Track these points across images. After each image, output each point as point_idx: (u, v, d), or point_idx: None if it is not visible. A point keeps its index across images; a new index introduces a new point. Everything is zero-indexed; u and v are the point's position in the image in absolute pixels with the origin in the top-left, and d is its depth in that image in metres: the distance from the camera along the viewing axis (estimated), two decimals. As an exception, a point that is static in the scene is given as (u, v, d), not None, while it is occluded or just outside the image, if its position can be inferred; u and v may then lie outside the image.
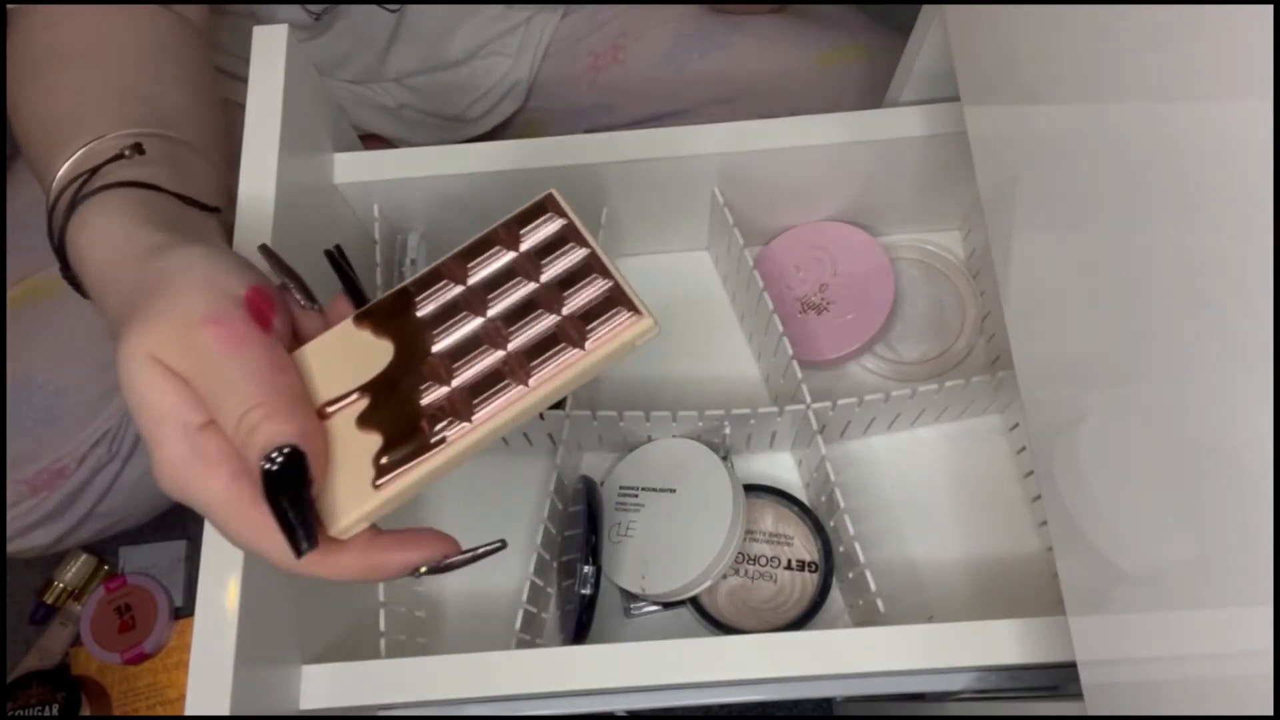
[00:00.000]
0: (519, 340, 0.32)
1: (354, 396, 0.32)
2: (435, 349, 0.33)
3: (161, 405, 0.30)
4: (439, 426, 0.31)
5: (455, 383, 0.32)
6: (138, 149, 0.43)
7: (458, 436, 0.31)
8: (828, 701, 0.94)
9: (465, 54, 0.77)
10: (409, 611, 0.55)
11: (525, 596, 0.52)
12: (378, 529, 0.32)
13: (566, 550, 0.57)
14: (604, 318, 0.32)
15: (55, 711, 0.92)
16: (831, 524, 0.56)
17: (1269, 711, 0.23)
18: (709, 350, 0.65)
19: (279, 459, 0.29)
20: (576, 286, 0.32)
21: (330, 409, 0.32)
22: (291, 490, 0.29)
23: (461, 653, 0.44)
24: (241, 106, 0.48)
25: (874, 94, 0.70)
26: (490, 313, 0.33)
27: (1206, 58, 0.24)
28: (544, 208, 0.34)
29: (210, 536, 0.41)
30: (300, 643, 0.46)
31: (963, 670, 0.48)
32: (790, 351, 0.55)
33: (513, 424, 0.31)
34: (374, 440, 0.31)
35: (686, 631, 0.58)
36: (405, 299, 0.34)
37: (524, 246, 0.34)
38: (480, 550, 0.34)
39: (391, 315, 0.33)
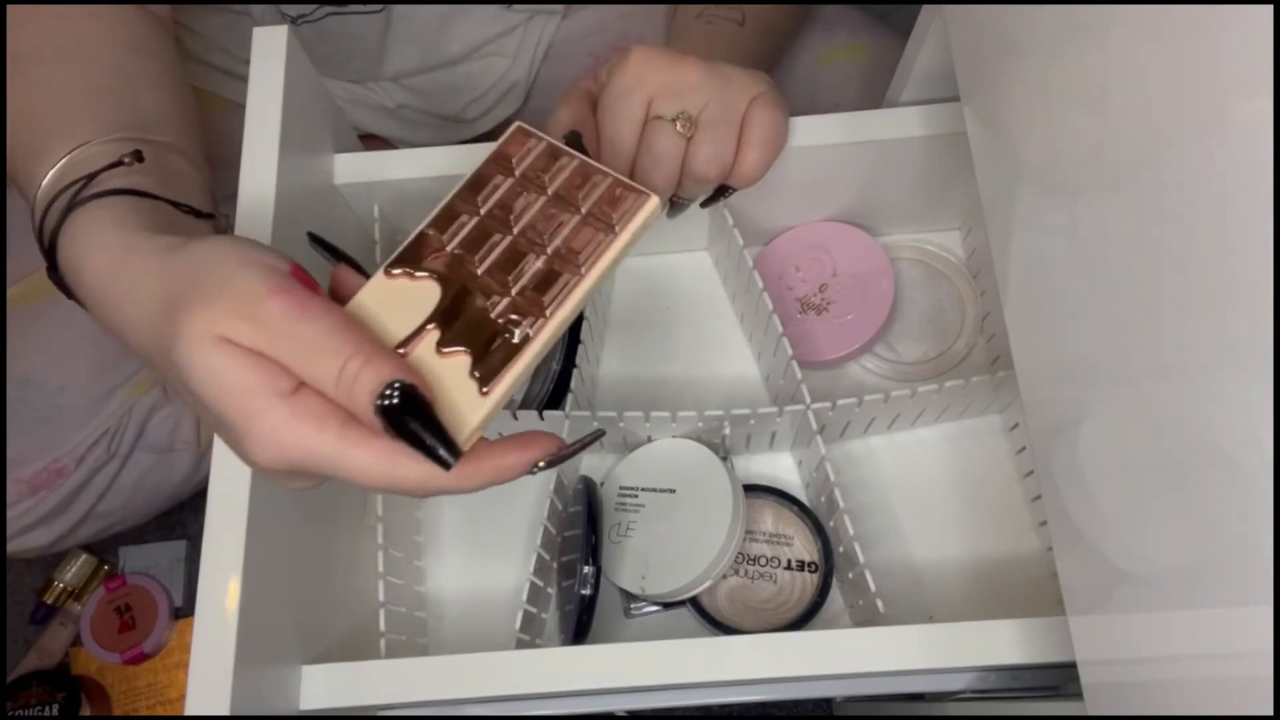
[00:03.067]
0: (556, 241, 0.35)
1: (425, 329, 0.34)
2: (481, 270, 0.35)
3: (248, 379, 0.31)
4: (519, 328, 0.34)
5: (515, 289, 0.35)
6: (137, 156, 0.42)
7: (539, 330, 0.34)
8: (828, 701, 0.94)
9: (464, 52, 0.77)
10: (409, 611, 0.55)
11: (525, 597, 0.52)
12: (488, 440, 0.34)
13: (566, 551, 0.57)
14: (622, 206, 0.36)
15: (55, 711, 0.92)
16: (831, 524, 0.56)
17: (1269, 711, 0.23)
18: (709, 350, 0.65)
19: (393, 394, 0.30)
20: (584, 189, 0.36)
21: (404, 349, 0.34)
22: (417, 415, 0.30)
23: (461, 653, 0.44)
24: (239, 105, 0.48)
25: (874, 94, 0.70)
26: (517, 229, 0.36)
27: (1207, 57, 0.24)
28: (520, 140, 0.38)
29: (210, 536, 0.41)
30: (300, 643, 0.46)
31: (963, 670, 0.48)
32: (790, 352, 0.55)
33: (575, 312, 0.35)
34: (461, 359, 0.33)
35: (686, 631, 0.58)
36: (430, 241, 0.36)
37: (519, 171, 0.37)
38: (586, 439, 0.36)
39: (422, 257, 0.36)
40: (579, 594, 0.52)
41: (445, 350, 0.33)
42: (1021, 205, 0.39)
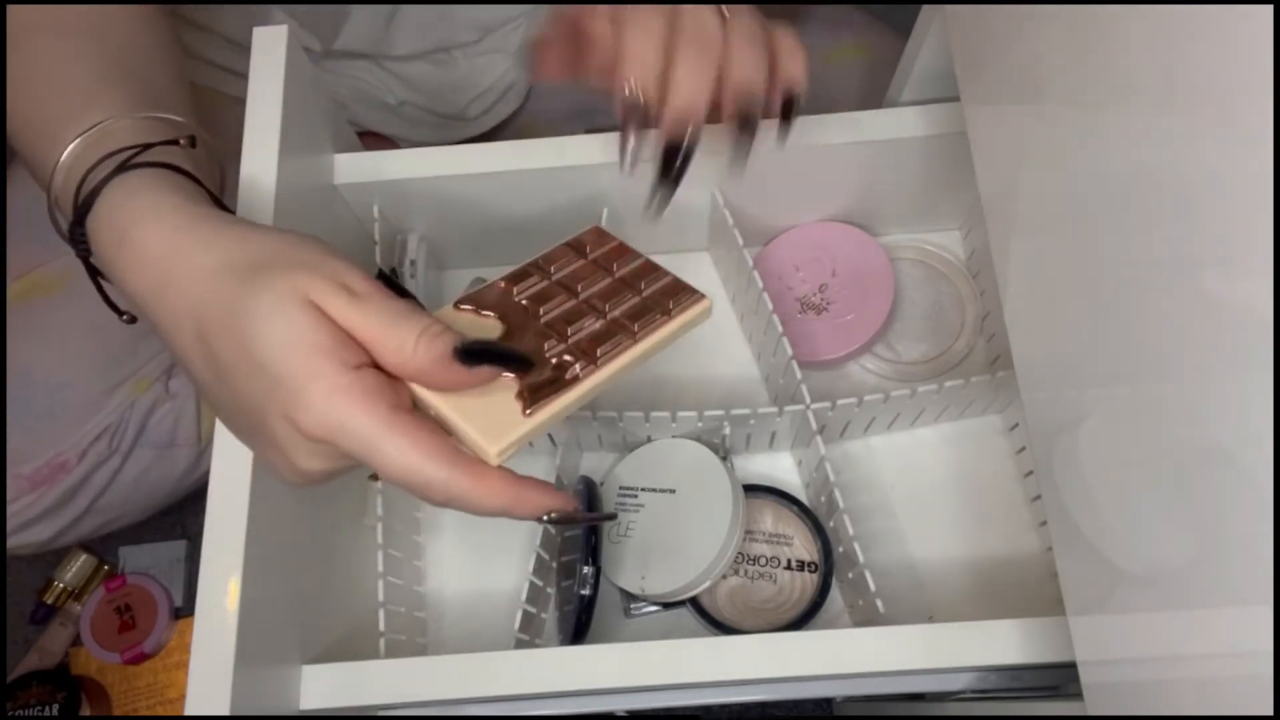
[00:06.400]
0: (617, 311, 0.39)
1: None
2: (545, 319, 0.38)
3: (323, 340, 0.32)
4: (571, 367, 0.36)
5: (571, 339, 0.37)
6: (191, 142, 0.43)
7: (588, 374, 0.36)
8: (828, 701, 0.94)
9: (471, 37, 0.76)
10: (409, 611, 0.55)
11: (524, 597, 0.52)
12: (517, 474, 0.35)
13: (566, 551, 0.57)
14: (678, 297, 0.40)
15: (55, 711, 0.92)
16: (831, 524, 0.56)
17: (1269, 711, 0.23)
18: (709, 350, 0.65)
19: (473, 343, 0.33)
20: (650, 281, 0.40)
21: None
22: (494, 350, 0.34)
23: (461, 653, 0.44)
24: (228, 98, 0.48)
25: (874, 94, 0.70)
26: (582, 296, 0.40)
27: (1206, 57, 0.24)
28: (600, 236, 0.43)
29: (210, 536, 0.41)
30: (300, 643, 0.46)
31: (963, 670, 0.48)
32: (790, 352, 0.55)
33: (624, 370, 0.37)
34: (512, 382, 0.35)
35: (686, 631, 0.58)
36: (500, 289, 0.39)
37: (591, 257, 0.42)
38: (595, 516, 0.39)
39: (491, 299, 0.39)
40: (578, 594, 0.52)
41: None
42: (1021, 205, 0.39)
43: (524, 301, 0.39)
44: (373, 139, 0.82)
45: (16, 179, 0.74)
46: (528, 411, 0.34)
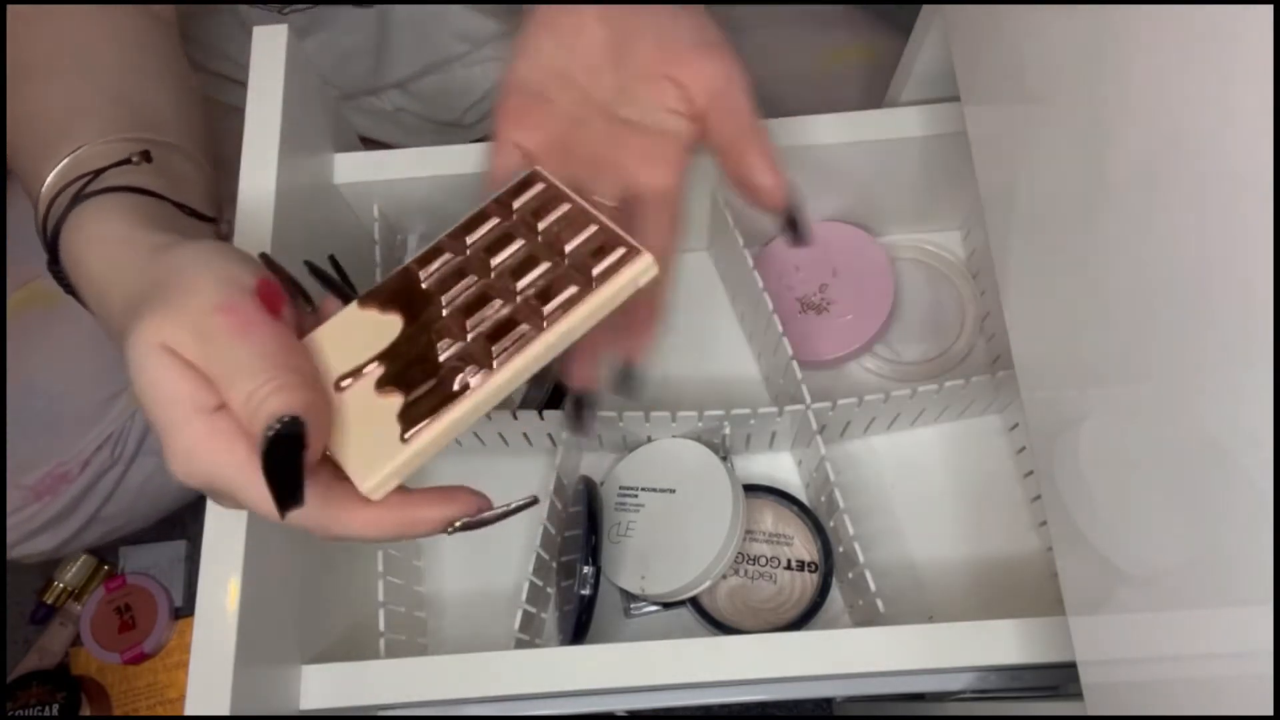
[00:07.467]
0: (529, 290, 0.33)
1: (370, 366, 0.33)
2: (445, 312, 0.33)
3: (176, 389, 0.31)
4: (460, 375, 0.31)
5: (470, 335, 0.32)
6: (145, 156, 0.42)
7: (480, 382, 0.31)
8: (828, 701, 0.94)
9: (464, 50, 0.77)
10: (409, 611, 0.55)
11: (524, 597, 0.52)
12: (407, 489, 0.32)
13: (566, 551, 0.57)
14: (606, 259, 0.33)
15: (55, 711, 0.92)
16: (831, 524, 0.56)
17: (1269, 711, 0.23)
18: (709, 350, 0.65)
19: (278, 426, 0.29)
20: (575, 239, 0.34)
21: (345, 382, 0.32)
22: (285, 455, 0.29)
23: (461, 653, 0.44)
24: (226, 106, 0.48)
25: (874, 94, 0.70)
26: (494, 272, 0.34)
27: (1207, 58, 0.24)
28: (530, 182, 0.36)
29: (210, 536, 0.41)
30: (300, 643, 0.46)
31: (963, 670, 0.48)
32: (790, 351, 0.55)
33: (531, 367, 0.32)
34: (395, 401, 0.31)
35: (686, 631, 0.58)
36: (408, 276, 0.35)
37: (516, 213, 0.35)
38: (513, 506, 0.34)
39: (396, 292, 0.34)
40: (578, 594, 0.52)
41: (382, 389, 0.32)
42: (1021, 205, 0.39)
43: (430, 288, 0.34)
44: (370, 146, 0.82)
45: (15, 193, 0.74)
46: (405, 436, 0.30)
